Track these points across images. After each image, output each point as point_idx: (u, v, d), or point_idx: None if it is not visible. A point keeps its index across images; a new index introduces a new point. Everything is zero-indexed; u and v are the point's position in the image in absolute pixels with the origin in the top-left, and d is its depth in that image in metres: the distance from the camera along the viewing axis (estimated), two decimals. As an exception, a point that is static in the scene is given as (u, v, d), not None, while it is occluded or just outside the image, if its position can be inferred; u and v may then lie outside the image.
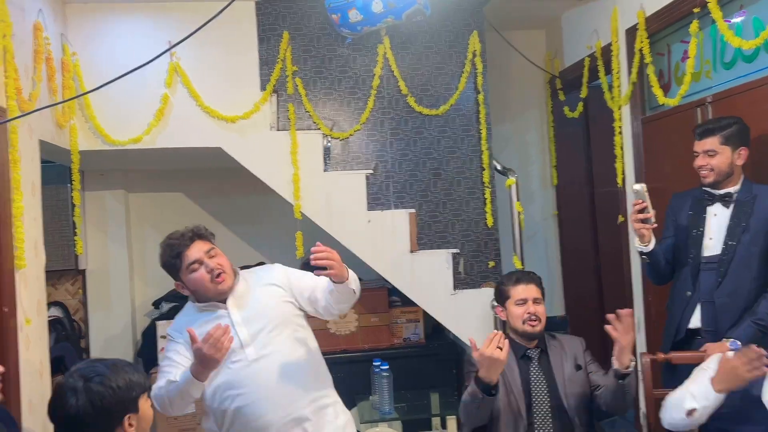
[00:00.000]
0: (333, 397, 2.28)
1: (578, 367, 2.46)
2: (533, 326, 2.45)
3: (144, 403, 1.59)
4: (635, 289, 3.60)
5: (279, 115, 3.71)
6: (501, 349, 2.11)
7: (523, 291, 2.49)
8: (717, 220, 2.56)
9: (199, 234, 2.18)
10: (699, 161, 2.57)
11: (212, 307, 2.18)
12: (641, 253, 2.67)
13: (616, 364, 2.26)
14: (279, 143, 3.67)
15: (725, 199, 2.55)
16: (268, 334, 2.14)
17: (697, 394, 2.10)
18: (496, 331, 2.17)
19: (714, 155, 2.52)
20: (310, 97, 3.72)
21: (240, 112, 3.60)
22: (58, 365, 3.57)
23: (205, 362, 1.94)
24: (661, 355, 2.51)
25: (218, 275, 2.14)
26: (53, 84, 3.11)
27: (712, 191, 2.58)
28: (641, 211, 2.56)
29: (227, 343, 1.94)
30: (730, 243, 2.50)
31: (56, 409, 1.54)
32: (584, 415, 2.43)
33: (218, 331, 1.92)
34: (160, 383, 2.10)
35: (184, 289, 2.21)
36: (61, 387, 1.55)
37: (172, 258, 2.16)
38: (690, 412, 2.08)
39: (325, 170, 3.74)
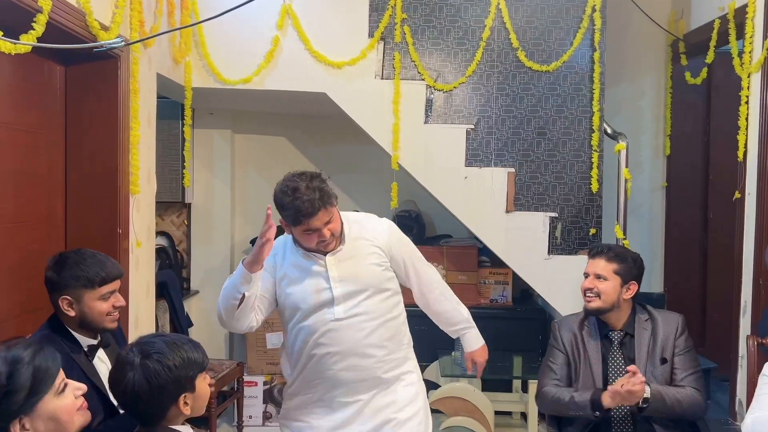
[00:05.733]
0: (410, 366, 2.29)
1: (663, 361, 2.31)
2: (588, 301, 2.38)
3: (201, 382, 1.58)
4: (745, 270, 3.37)
5: (384, 63, 3.68)
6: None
7: (588, 265, 2.44)
8: None
9: (325, 203, 2.05)
10: None
11: (313, 257, 2.16)
12: None
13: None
14: (382, 92, 3.66)
15: None
16: (359, 296, 2.15)
17: None
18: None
19: None
20: (417, 46, 3.67)
21: (347, 59, 3.60)
22: (161, 290, 3.80)
23: (258, 251, 2.02)
24: (770, 340, 2.35)
25: (326, 242, 2.11)
26: (172, 20, 3.21)
27: None
28: None
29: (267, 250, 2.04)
30: None
31: (114, 382, 1.56)
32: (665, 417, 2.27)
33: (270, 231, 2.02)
34: None
35: (289, 233, 2.16)
36: (120, 360, 1.56)
37: (295, 215, 2.03)
38: None
39: (425, 122, 3.70)
